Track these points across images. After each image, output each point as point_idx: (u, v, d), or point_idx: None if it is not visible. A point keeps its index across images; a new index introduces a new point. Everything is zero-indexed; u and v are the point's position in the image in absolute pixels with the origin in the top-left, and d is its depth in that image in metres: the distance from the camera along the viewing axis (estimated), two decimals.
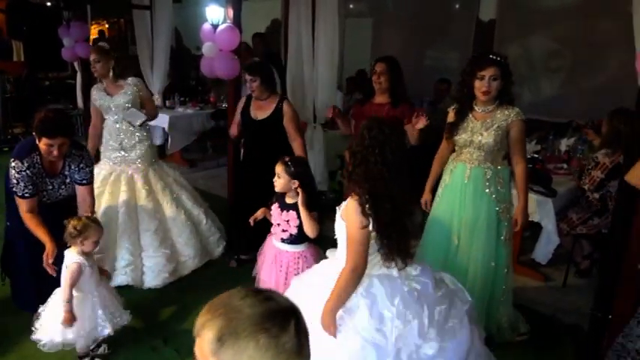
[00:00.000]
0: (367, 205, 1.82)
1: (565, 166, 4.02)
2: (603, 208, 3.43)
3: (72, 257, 2.49)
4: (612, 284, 2.48)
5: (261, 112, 3.48)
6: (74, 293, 2.47)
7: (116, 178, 3.55)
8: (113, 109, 3.51)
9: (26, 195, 2.61)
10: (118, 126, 3.55)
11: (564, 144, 4.27)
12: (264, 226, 2.75)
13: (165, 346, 2.81)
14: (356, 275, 1.85)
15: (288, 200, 2.60)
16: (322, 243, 2.69)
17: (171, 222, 3.60)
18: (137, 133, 3.61)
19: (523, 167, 2.65)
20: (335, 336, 1.83)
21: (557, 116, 5.27)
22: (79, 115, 7.92)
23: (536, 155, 3.89)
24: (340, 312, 1.87)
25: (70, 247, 2.54)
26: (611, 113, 3.53)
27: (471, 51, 5.66)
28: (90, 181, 2.84)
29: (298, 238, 2.57)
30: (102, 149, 3.65)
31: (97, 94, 3.54)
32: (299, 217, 2.54)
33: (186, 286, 3.45)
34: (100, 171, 3.51)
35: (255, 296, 0.90)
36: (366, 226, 1.82)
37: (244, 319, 0.85)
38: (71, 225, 2.49)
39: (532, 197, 3.45)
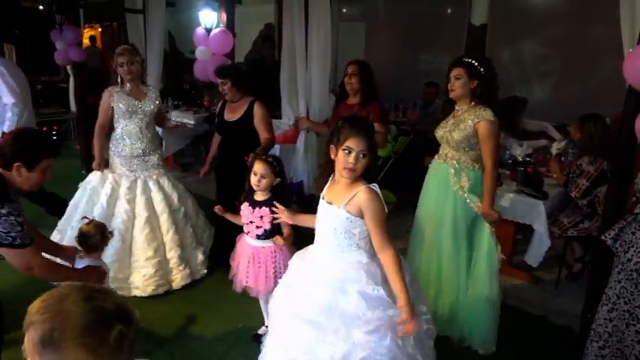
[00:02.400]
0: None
1: None
2: (592, 212, 3.48)
3: (97, 264, 2.50)
4: (602, 286, 2.51)
5: (233, 114, 3.54)
6: None
7: (144, 185, 3.49)
8: (141, 114, 3.43)
9: None
10: (144, 132, 3.46)
11: (555, 147, 4.31)
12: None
13: (160, 349, 2.81)
14: (398, 255, 1.92)
15: (258, 197, 2.63)
16: (307, 243, 2.70)
17: (195, 222, 3.74)
18: (155, 139, 3.59)
19: (488, 166, 2.63)
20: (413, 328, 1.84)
21: (548, 119, 5.32)
22: (72, 119, 7.91)
23: (527, 158, 3.92)
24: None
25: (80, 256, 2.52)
26: (580, 119, 3.60)
27: (457, 57, 5.70)
28: None
29: (272, 233, 2.60)
30: (115, 155, 3.49)
31: (118, 97, 3.38)
32: (272, 212, 2.56)
33: (177, 290, 3.45)
34: (120, 178, 3.46)
35: (84, 305, 0.95)
36: None
37: (68, 329, 0.93)
38: (92, 232, 2.48)
39: (523, 200, 3.50)
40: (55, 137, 7.59)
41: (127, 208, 3.38)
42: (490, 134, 2.61)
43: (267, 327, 2.90)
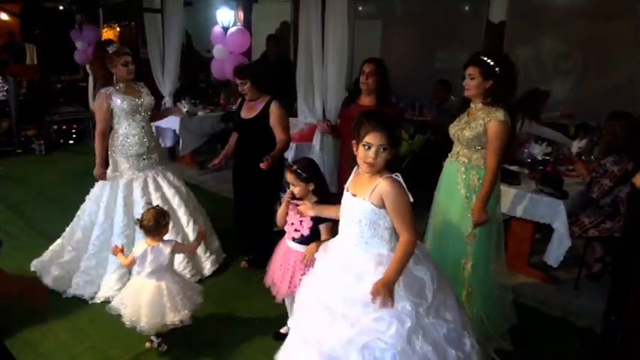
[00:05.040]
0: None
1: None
2: (615, 211, 3.41)
3: (165, 246, 2.67)
4: (626, 287, 2.46)
5: (249, 112, 3.53)
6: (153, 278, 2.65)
7: (155, 183, 3.49)
8: (142, 112, 3.39)
9: None
10: (146, 129, 3.43)
11: (576, 146, 4.24)
12: (266, 228, 2.79)
13: (177, 345, 2.84)
14: (415, 244, 1.98)
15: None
16: None
17: (199, 217, 3.73)
18: (154, 135, 3.58)
19: (490, 165, 2.59)
20: (393, 306, 1.87)
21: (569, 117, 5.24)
22: (91, 118, 8.03)
23: (547, 157, 3.86)
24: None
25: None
26: (609, 116, 3.54)
27: (473, 54, 5.64)
28: None
29: (309, 239, 2.59)
30: (123, 157, 3.40)
31: (117, 98, 3.29)
32: (313, 218, 2.55)
33: None
34: (130, 183, 3.41)
35: None
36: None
37: None
38: (155, 219, 2.62)
39: (543, 199, 3.46)
40: (74, 136, 7.73)
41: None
42: (498, 134, 2.56)
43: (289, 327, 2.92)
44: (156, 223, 2.64)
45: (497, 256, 2.83)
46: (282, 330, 2.90)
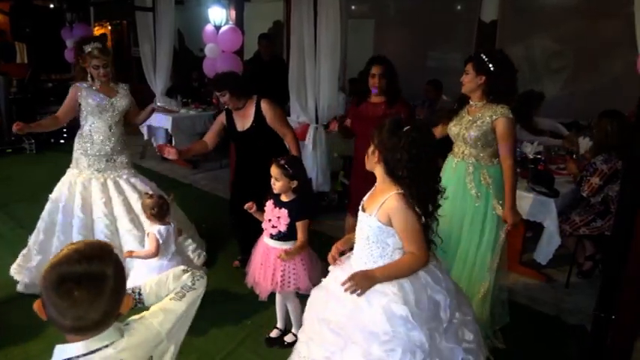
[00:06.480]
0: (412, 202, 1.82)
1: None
2: (606, 210, 3.43)
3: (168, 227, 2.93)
4: (615, 284, 2.48)
5: (243, 122, 3.37)
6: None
7: (116, 185, 3.39)
8: (111, 111, 3.31)
9: None
10: (113, 130, 3.34)
11: (583, 145, 4.24)
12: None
13: None
14: (421, 264, 1.85)
15: (283, 198, 2.63)
16: (318, 241, 2.70)
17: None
18: (123, 138, 3.44)
19: (508, 165, 2.60)
20: (359, 295, 1.81)
21: (560, 117, 5.27)
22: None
23: (538, 156, 3.88)
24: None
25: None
26: (600, 115, 3.57)
27: (473, 52, 5.64)
28: None
29: (287, 235, 2.59)
30: (83, 154, 3.37)
31: (88, 93, 3.25)
32: (290, 215, 2.56)
33: None
34: (89, 182, 3.34)
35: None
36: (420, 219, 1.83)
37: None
38: (158, 204, 2.85)
39: (534, 197, 3.47)
40: (65, 135, 7.66)
41: (105, 211, 3.29)
42: (509, 132, 2.58)
43: (279, 330, 2.90)
44: (160, 209, 2.86)
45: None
46: (272, 334, 2.89)
